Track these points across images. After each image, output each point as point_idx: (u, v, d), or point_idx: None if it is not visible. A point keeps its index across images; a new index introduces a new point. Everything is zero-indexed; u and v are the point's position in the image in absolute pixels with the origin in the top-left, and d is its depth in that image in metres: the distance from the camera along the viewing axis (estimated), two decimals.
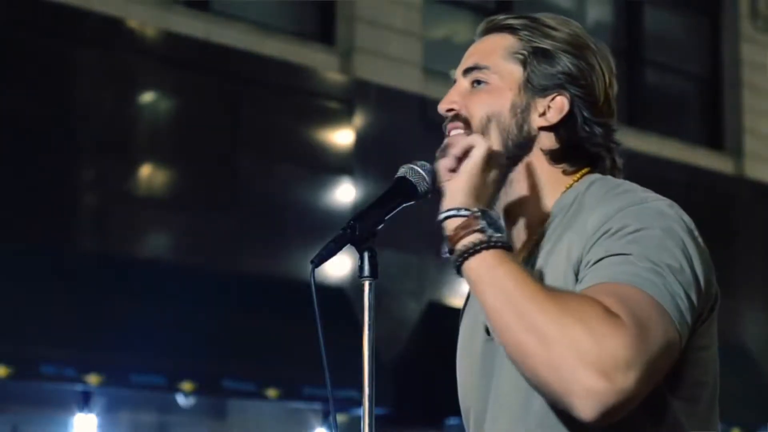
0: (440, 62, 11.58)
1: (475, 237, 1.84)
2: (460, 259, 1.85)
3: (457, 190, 1.90)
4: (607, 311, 1.74)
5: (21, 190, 8.80)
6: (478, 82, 2.08)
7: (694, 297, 1.83)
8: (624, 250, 1.83)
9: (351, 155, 10.50)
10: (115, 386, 8.76)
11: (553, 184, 2.05)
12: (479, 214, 1.86)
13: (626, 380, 1.71)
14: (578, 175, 2.05)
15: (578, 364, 1.71)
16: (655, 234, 1.85)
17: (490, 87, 2.07)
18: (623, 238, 1.85)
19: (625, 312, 1.74)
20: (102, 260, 8.93)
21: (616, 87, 2.11)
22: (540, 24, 2.09)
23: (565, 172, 2.06)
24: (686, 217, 1.93)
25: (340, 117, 10.51)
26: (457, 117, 2.08)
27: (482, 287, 1.82)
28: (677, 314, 1.79)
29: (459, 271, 1.86)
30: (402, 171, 2.03)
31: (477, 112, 2.06)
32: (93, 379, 8.44)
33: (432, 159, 2.06)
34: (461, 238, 1.85)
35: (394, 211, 2.01)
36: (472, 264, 1.84)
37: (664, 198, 1.96)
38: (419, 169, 2.03)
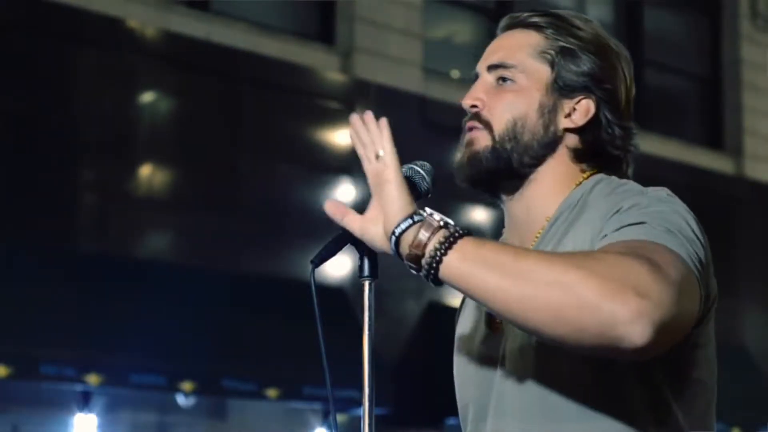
0: (440, 62, 11.58)
1: (440, 234, 1.75)
2: (435, 263, 1.73)
3: (393, 201, 1.81)
4: (621, 253, 1.70)
5: (21, 190, 8.80)
6: (504, 79, 2.06)
7: (704, 275, 1.80)
8: (638, 219, 1.81)
9: (351, 155, 10.49)
10: (115, 386, 8.76)
11: (565, 183, 2.05)
12: (431, 212, 1.80)
13: (662, 294, 1.64)
14: (587, 174, 2.06)
15: (610, 293, 1.63)
16: (666, 209, 1.84)
17: (516, 86, 2.05)
18: (636, 211, 1.83)
19: (642, 255, 1.69)
20: (102, 260, 8.92)
21: (634, 89, 2.12)
22: (565, 22, 2.08)
23: (582, 171, 2.06)
24: (687, 209, 1.92)
25: (340, 117, 10.51)
26: (477, 116, 2.07)
27: (473, 275, 1.70)
28: (698, 274, 1.77)
29: (436, 278, 1.74)
30: (402, 171, 2.03)
31: (502, 114, 2.04)
32: (93, 379, 8.44)
33: (432, 159, 2.06)
34: (427, 242, 1.74)
35: None
36: (451, 260, 1.72)
37: (663, 188, 1.95)
38: (419, 169, 2.03)
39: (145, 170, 9.63)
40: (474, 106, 2.07)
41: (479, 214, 10.88)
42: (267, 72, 10.16)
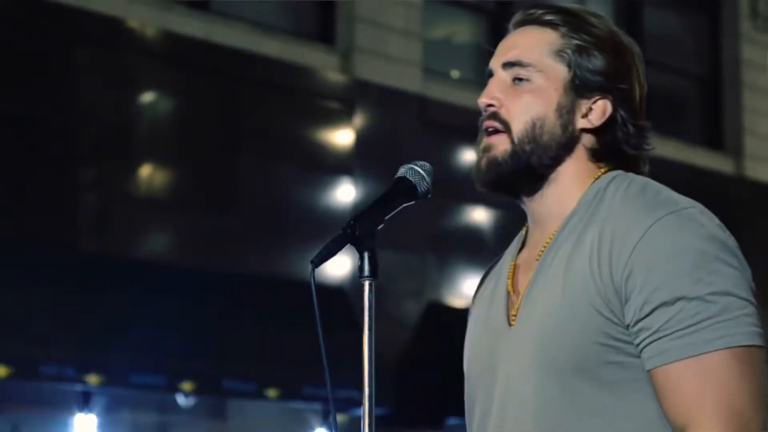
0: (440, 62, 11.58)
1: None
2: None
3: None
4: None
5: (21, 190, 8.80)
6: (520, 79, 2.05)
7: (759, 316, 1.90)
8: (692, 320, 1.85)
9: (351, 155, 10.50)
10: (115, 386, 8.75)
11: (583, 180, 2.05)
12: None
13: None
14: (604, 170, 2.05)
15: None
16: (715, 288, 1.88)
17: (533, 86, 2.04)
18: (687, 309, 1.86)
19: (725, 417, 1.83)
20: (102, 260, 8.92)
21: (646, 87, 2.10)
22: (581, 20, 2.07)
23: (599, 169, 2.06)
24: (721, 231, 1.95)
25: (340, 117, 10.50)
26: (494, 116, 2.05)
27: None
28: (756, 336, 1.87)
29: None
30: (402, 171, 2.04)
31: (521, 116, 2.03)
32: (93, 379, 8.44)
33: (432, 159, 2.06)
34: None
35: (394, 211, 2.01)
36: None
37: (693, 203, 1.95)
38: (419, 169, 2.03)
39: (145, 170, 9.63)
40: (491, 105, 2.05)
41: (479, 214, 10.87)
42: (267, 72, 10.16)
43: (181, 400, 9.30)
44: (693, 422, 1.84)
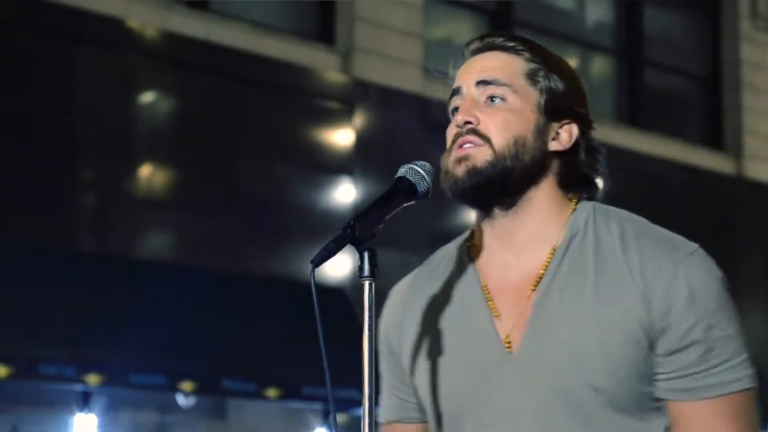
0: (440, 62, 11.57)
1: None
2: None
3: None
4: None
5: (21, 190, 8.80)
6: (495, 97, 2.07)
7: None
8: (721, 358, 2.00)
9: (351, 155, 10.50)
10: (115, 386, 8.75)
11: (558, 207, 2.08)
12: None
13: None
14: (575, 201, 2.10)
15: None
16: (730, 330, 2.04)
17: (509, 106, 2.06)
18: (716, 349, 2.00)
19: None
20: (102, 260, 8.92)
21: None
22: (538, 47, 2.12)
23: (569, 198, 2.10)
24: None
25: (340, 117, 10.50)
26: (474, 132, 2.06)
27: None
28: (755, 378, 2.05)
29: None
30: (402, 171, 2.04)
31: (502, 132, 2.05)
32: (93, 379, 8.44)
33: (432, 159, 2.06)
34: None
35: (394, 211, 2.01)
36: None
37: (693, 243, 2.06)
38: (419, 169, 2.03)
39: (145, 170, 9.63)
40: (468, 122, 2.07)
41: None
42: (267, 72, 10.15)
43: (181, 400, 9.30)
44: None
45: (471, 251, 2.13)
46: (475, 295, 2.08)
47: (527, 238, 2.07)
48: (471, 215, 2.18)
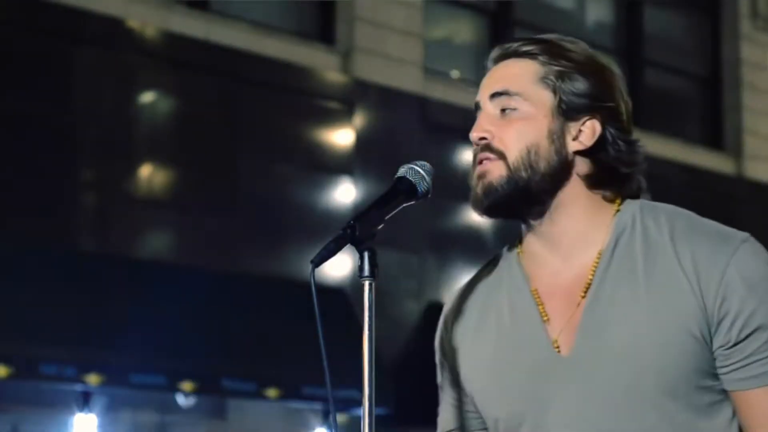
0: (440, 62, 11.58)
1: None
2: None
3: None
4: None
5: (21, 190, 8.79)
6: (508, 109, 2.07)
7: None
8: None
9: (351, 155, 10.50)
10: (115, 386, 8.75)
11: (597, 209, 2.08)
12: None
13: None
14: (619, 200, 2.09)
15: None
16: None
17: (522, 114, 2.06)
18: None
19: None
20: (102, 260, 8.92)
21: (630, 104, 2.14)
22: (557, 47, 2.10)
23: (605, 198, 2.08)
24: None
25: (340, 117, 10.50)
26: (488, 147, 2.06)
27: None
28: None
29: None
30: (402, 171, 2.04)
31: (514, 144, 2.05)
32: (93, 379, 8.44)
33: (432, 159, 2.06)
34: None
35: (394, 211, 2.01)
36: None
37: (745, 234, 2.07)
38: (419, 169, 2.03)
39: (145, 170, 9.63)
40: (483, 138, 2.07)
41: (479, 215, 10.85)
42: (267, 72, 10.15)
43: (181, 400, 9.30)
44: None
45: (520, 257, 2.14)
46: (525, 300, 2.09)
47: (572, 243, 2.07)
48: (472, 216, 2.19)
